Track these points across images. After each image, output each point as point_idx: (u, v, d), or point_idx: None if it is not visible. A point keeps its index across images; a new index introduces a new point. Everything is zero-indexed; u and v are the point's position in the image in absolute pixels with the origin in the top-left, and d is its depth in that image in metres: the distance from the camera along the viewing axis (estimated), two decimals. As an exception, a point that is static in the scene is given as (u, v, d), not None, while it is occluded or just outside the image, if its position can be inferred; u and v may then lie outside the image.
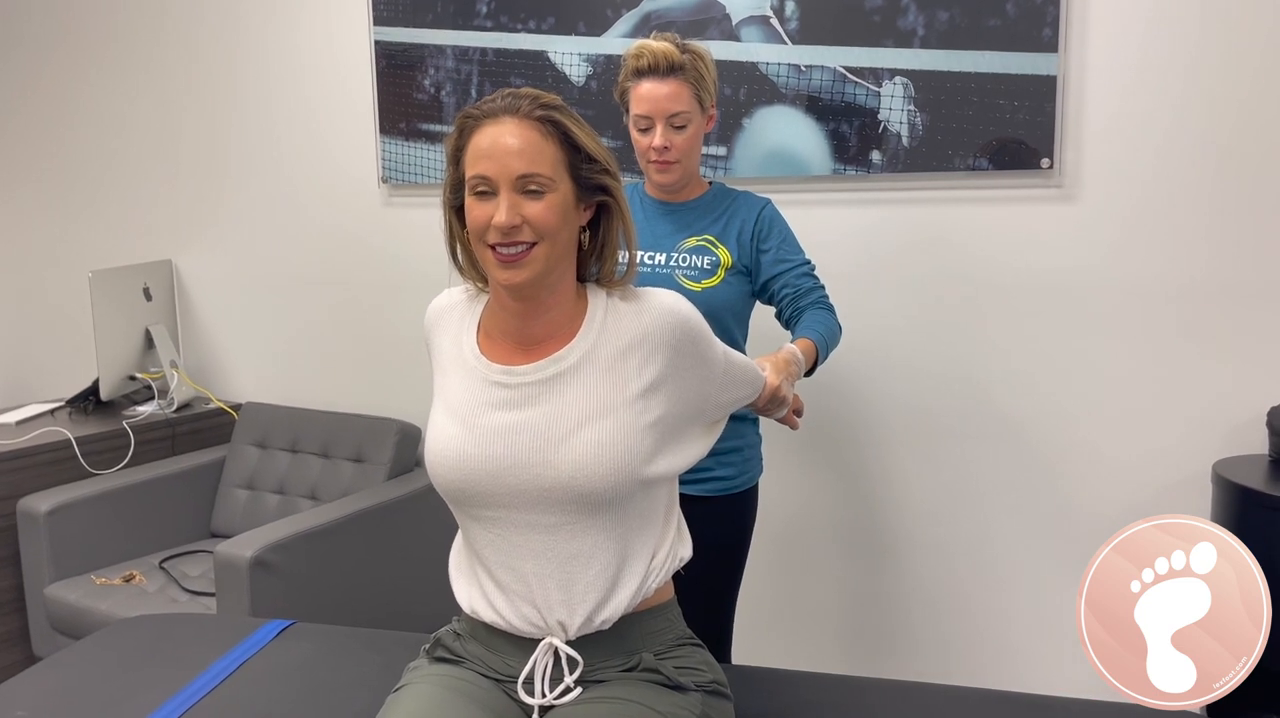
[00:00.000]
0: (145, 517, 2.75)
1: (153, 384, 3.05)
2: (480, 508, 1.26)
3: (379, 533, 2.55)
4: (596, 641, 1.26)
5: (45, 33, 3.34)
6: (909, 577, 2.38)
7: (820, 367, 1.74)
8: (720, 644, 1.92)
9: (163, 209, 3.23)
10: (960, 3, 2.14)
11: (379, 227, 2.88)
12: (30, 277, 3.55)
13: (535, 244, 1.20)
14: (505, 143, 1.19)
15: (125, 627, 1.83)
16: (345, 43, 2.83)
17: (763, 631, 2.50)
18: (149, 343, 3.05)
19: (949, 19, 2.15)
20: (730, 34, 2.34)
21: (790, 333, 1.78)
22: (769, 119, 2.33)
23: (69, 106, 3.35)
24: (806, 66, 2.28)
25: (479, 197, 1.21)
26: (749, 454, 1.89)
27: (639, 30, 2.43)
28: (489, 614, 1.28)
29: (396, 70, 2.76)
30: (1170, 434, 2.13)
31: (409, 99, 2.75)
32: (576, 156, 1.23)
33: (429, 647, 1.37)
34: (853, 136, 2.27)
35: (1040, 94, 2.10)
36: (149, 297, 3.07)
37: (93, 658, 1.69)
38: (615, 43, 2.46)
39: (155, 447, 2.91)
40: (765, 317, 1.91)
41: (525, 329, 1.27)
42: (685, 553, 1.36)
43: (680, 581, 1.41)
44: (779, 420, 1.55)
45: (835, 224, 2.32)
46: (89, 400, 2.98)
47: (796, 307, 1.80)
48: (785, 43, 2.29)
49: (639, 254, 1.82)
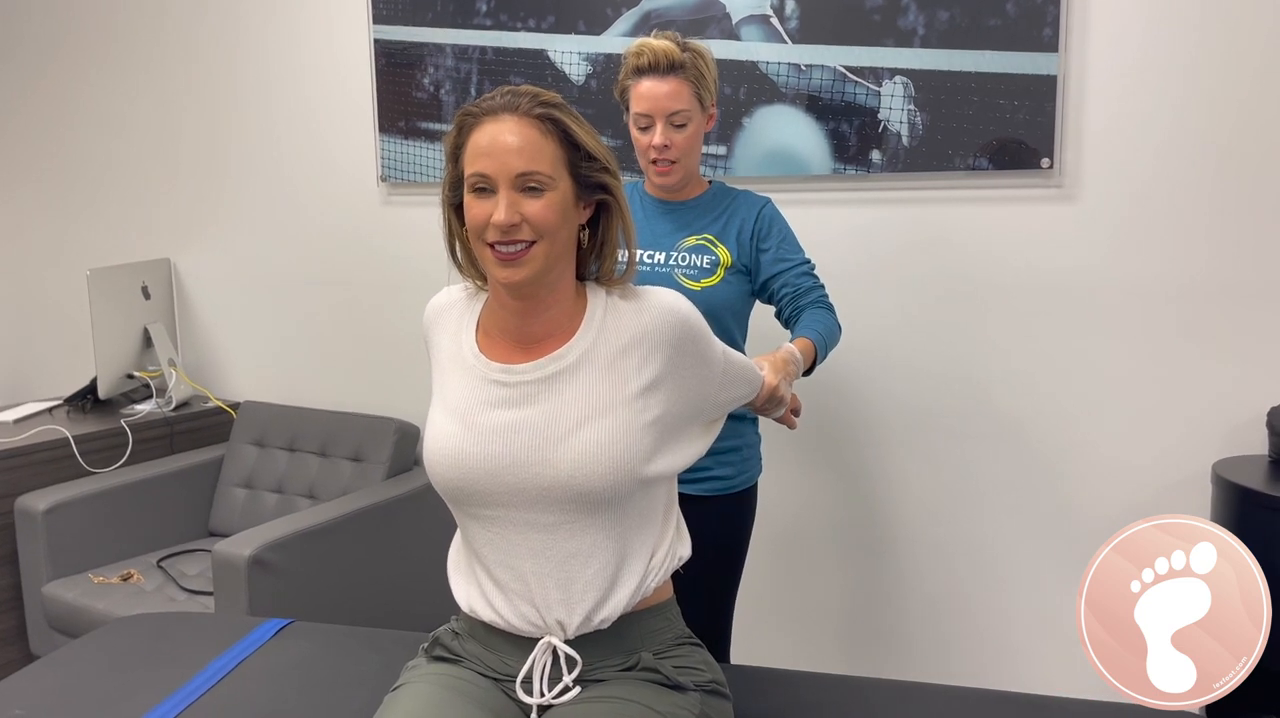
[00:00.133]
0: (143, 515, 2.74)
1: (151, 383, 3.05)
2: (479, 507, 1.25)
3: (377, 532, 2.54)
4: (595, 640, 1.26)
5: (45, 32, 3.34)
6: (909, 577, 2.38)
7: (820, 366, 1.74)
8: (719, 644, 1.92)
9: (162, 208, 3.23)
10: (960, 2, 2.14)
11: (378, 225, 2.88)
12: (29, 275, 3.55)
13: (534, 242, 1.19)
14: (505, 141, 1.18)
15: (123, 626, 1.83)
16: (345, 41, 2.83)
17: (762, 630, 2.50)
18: (147, 341, 3.04)
19: (949, 19, 2.15)
20: (730, 33, 2.34)
21: (789, 332, 1.78)
22: (769, 118, 2.33)
23: (68, 105, 3.34)
24: (806, 66, 2.28)
25: (478, 194, 1.20)
26: (748, 454, 1.88)
27: (639, 29, 2.43)
28: (487, 613, 1.28)
29: (396, 69, 2.76)
30: (1170, 434, 2.13)
31: (408, 98, 2.75)
32: (576, 155, 1.22)
33: (427, 646, 1.37)
34: (853, 136, 2.27)
35: (1040, 94, 2.10)
36: (147, 295, 3.07)
37: (90, 657, 1.69)
38: (615, 42, 2.46)
39: (153, 445, 2.91)
40: (764, 316, 1.91)
41: (524, 328, 1.26)
42: (684, 552, 1.36)
43: (679, 580, 1.40)
44: (777, 420, 1.54)
45: (835, 224, 2.32)
46: (87, 399, 2.97)
47: (796, 306, 1.80)
48: (785, 42, 2.29)
49: (638, 253, 1.82)
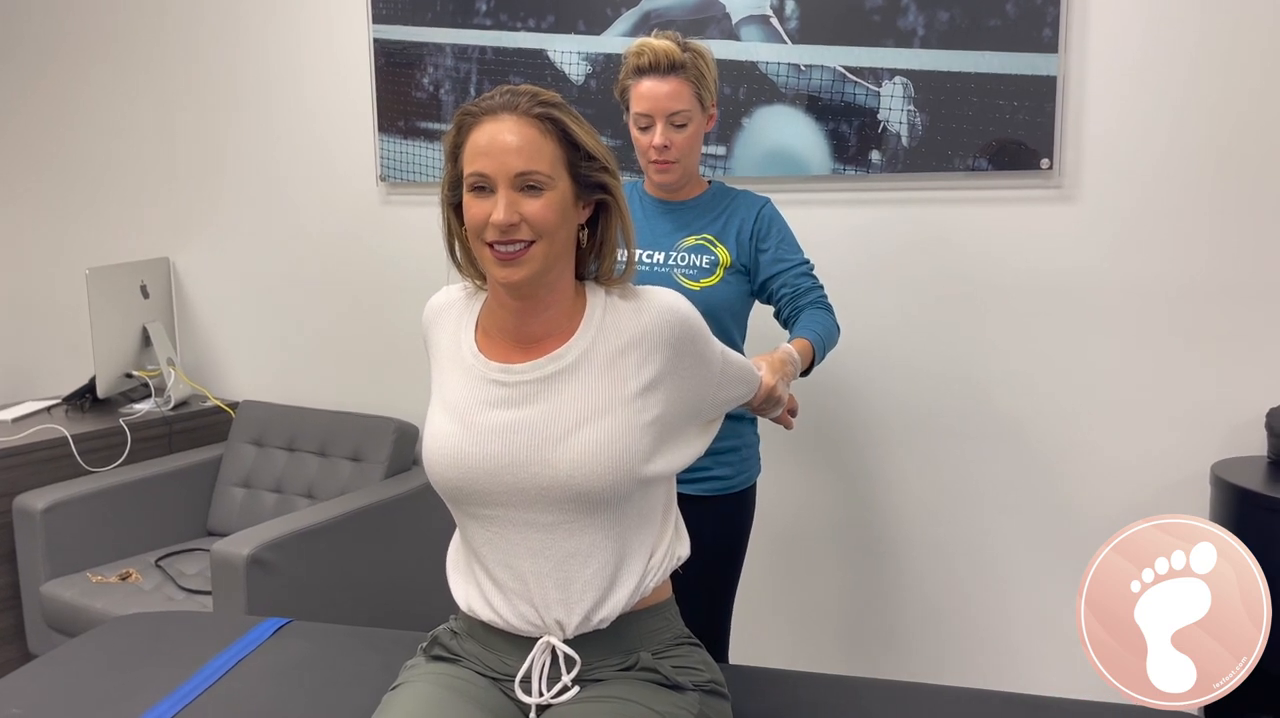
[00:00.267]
0: (141, 515, 2.74)
1: (149, 382, 3.05)
2: (478, 506, 1.25)
3: (376, 532, 2.54)
4: (594, 640, 1.25)
5: (45, 32, 3.34)
6: (908, 577, 2.38)
7: (818, 367, 1.74)
8: (718, 644, 1.92)
9: (161, 207, 3.23)
10: (960, 3, 2.14)
11: (377, 225, 2.88)
12: (27, 274, 3.55)
13: (533, 242, 1.19)
14: (504, 140, 1.18)
15: (121, 625, 1.82)
16: (344, 41, 2.83)
17: (761, 630, 2.49)
18: (146, 340, 3.04)
19: (949, 19, 2.15)
20: (730, 33, 2.33)
21: (788, 332, 1.78)
22: (768, 119, 2.33)
23: (69, 105, 3.34)
24: (806, 66, 2.28)
25: (477, 194, 1.20)
26: (747, 454, 1.88)
27: (638, 29, 2.42)
28: (486, 613, 1.27)
29: (395, 68, 2.75)
30: (1168, 435, 2.12)
31: (408, 97, 2.75)
32: (575, 154, 1.22)
33: (426, 645, 1.36)
34: (852, 136, 2.27)
35: (1040, 94, 2.10)
36: (146, 294, 3.06)
37: (88, 656, 1.69)
38: (615, 41, 2.46)
39: (152, 445, 2.90)
40: (764, 317, 1.91)
41: (523, 327, 1.26)
42: (683, 552, 1.35)
43: (678, 580, 1.40)
44: (774, 420, 1.55)
45: (834, 224, 2.32)
46: (85, 398, 2.97)
47: (795, 306, 1.80)
48: (785, 42, 2.29)
49: (637, 253, 1.81)
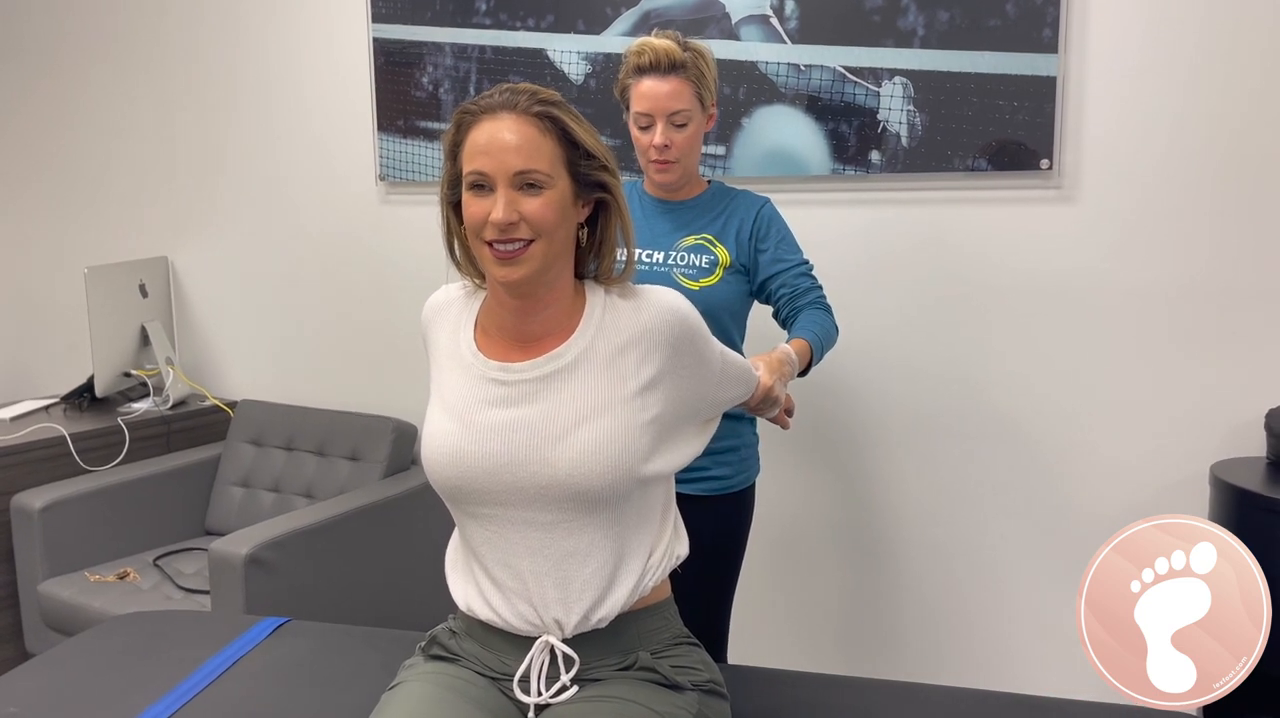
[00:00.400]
0: (140, 514, 2.74)
1: (148, 381, 3.04)
2: (477, 505, 1.25)
3: (375, 531, 2.54)
4: (593, 639, 1.25)
5: (46, 33, 3.33)
6: (907, 577, 2.38)
7: (817, 367, 1.74)
8: (717, 644, 1.91)
9: (160, 206, 3.22)
10: (960, 3, 2.14)
11: (376, 224, 2.87)
12: (26, 272, 3.54)
13: (533, 241, 1.19)
14: (503, 139, 1.18)
15: (119, 624, 1.82)
16: (344, 40, 2.83)
17: (759, 630, 2.49)
18: (144, 340, 3.04)
19: (949, 19, 2.15)
20: (730, 33, 2.33)
21: (787, 333, 1.78)
22: (768, 118, 2.33)
23: (68, 104, 3.34)
24: (806, 66, 2.28)
25: (476, 192, 1.20)
26: (746, 454, 1.88)
27: (638, 29, 2.42)
28: (485, 612, 1.27)
29: (395, 68, 2.75)
30: (1168, 436, 2.12)
31: (407, 96, 2.75)
32: (575, 153, 1.22)
33: (424, 645, 1.36)
34: (852, 136, 2.27)
35: (1040, 95, 2.10)
36: (145, 293, 3.06)
37: (86, 655, 1.68)
38: (614, 41, 2.46)
39: (150, 444, 2.90)
40: (763, 316, 1.91)
41: (523, 326, 1.26)
42: (682, 552, 1.35)
43: (677, 580, 1.40)
44: (770, 420, 1.55)
45: (834, 224, 2.32)
46: (84, 397, 2.97)
47: (794, 306, 1.80)
48: (785, 42, 2.29)
49: (637, 253, 1.81)
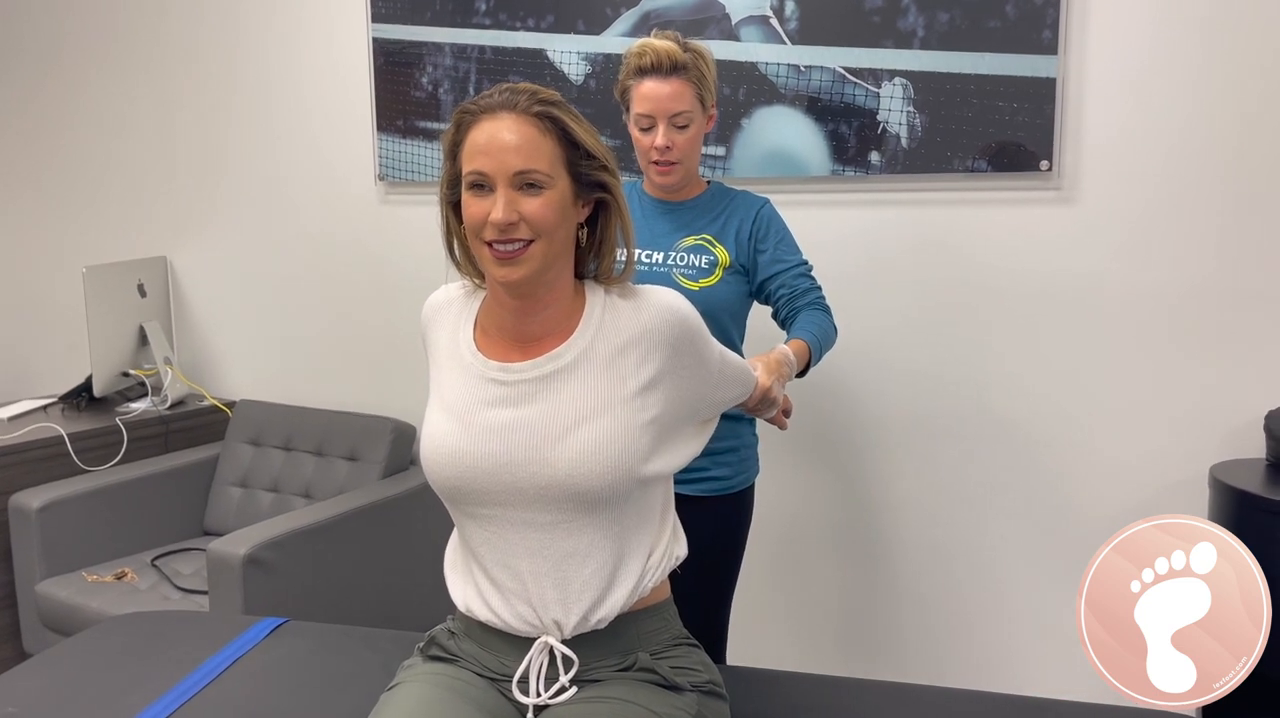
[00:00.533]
0: (138, 514, 2.73)
1: (146, 381, 3.04)
2: (476, 506, 1.25)
3: (373, 531, 2.53)
4: (592, 640, 1.25)
5: (46, 33, 3.33)
6: (906, 578, 2.38)
7: (816, 368, 1.74)
8: (716, 645, 1.91)
9: (159, 206, 3.22)
10: (960, 4, 2.14)
11: (375, 224, 2.87)
12: (25, 272, 3.54)
13: (532, 241, 1.19)
14: (503, 138, 1.18)
15: (117, 624, 1.82)
16: (344, 40, 2.83)
17: (759, 631, 2.49)
18: (143, 339, 3.03)
19: (949, 20, 2.15)
20: (730, 34, 2.33)
21: (786, 333, 1.78)
22: (768, 119, 2.33)
23: (69, 105, 3.33)
24: (806, 67, 2.28)
25: (476, 192, 1.20)
26: (745, 455, 1.88)
27: (638, 29, 2.42)
28: (484, 613, 1.27)
29: (394, 68, 2.75)
30: (1167, 437, 2.12)
31: (407, 96, 2.75)
32: (575, 153, 1.22)
33: (423, 645, 1.36)
34: (852, 137, 2.27)
35: (1040, 96, 2.10)
36: (143, 293, 3.06)
37: (84, 655, 1.68)
38: (614, 42, 2.46)
39: (148, 444, 2.90)
40: (762, 317, 1.90)
41: (522, 326, 1.26)
42: (681, 552, 1.35)
43: (676, 580, 1.40)
44: (768, 420, 1.55)
45: (833, 225, 2.32)
46: (82, 397, 2.97)
47: (793, 307, 1.80)
48: (785, 43, 2.29)
49: (637, 253, 1.81)
